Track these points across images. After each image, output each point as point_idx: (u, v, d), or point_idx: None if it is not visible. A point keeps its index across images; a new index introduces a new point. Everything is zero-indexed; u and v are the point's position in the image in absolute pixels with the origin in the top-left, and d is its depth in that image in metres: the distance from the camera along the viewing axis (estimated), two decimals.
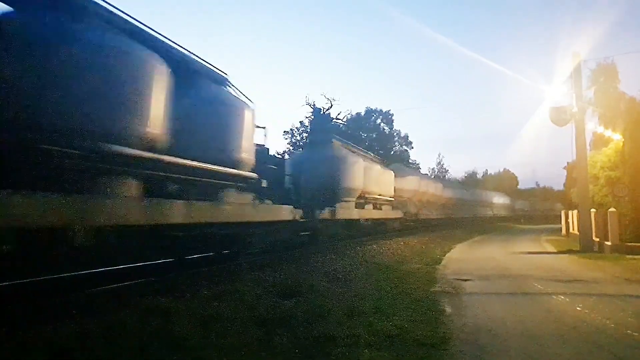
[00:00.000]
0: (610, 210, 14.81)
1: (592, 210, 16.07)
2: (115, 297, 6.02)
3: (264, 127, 11.11)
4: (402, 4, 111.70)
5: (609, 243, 14.39)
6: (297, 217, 11.93)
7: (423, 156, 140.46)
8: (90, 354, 4.10)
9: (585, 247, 15.26)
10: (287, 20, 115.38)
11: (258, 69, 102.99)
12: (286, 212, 11.27)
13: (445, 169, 73.17)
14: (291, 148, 44.63)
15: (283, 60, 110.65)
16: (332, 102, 44.43)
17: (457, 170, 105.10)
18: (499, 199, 58.80)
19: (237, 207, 9.05)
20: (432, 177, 51.51)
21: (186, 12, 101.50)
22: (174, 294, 6.34)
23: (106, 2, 6.71)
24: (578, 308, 6.38)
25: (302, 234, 13.35)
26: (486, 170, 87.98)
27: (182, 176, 7.52)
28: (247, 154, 9.38)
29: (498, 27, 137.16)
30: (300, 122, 48.09)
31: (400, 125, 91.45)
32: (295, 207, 11.79)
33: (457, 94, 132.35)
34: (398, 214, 24.05)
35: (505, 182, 79.91)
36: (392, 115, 55.24)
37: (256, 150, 10.18)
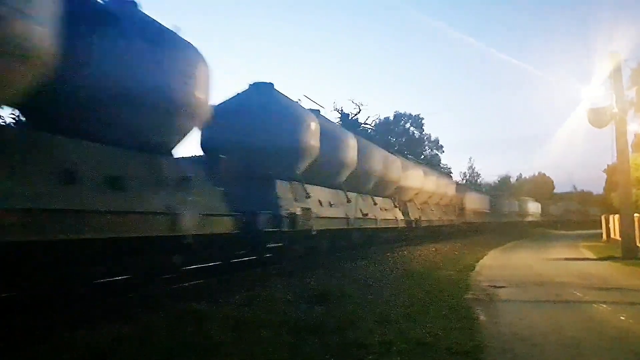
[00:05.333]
0: None
1: (636, 215, 15.39)
2: (148, 302, 6.17)
3: None
4: (430, 8, 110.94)
5: None
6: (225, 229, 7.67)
7: (454, 161, 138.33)
8: (125, 356, 4.21)
9: (628, 254, 14.60)
10: (316, 27, 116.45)
11: (286, 75, 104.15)
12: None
13: (477, 173, 71.69)
14: None
15: (312, 66, 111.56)
16: (360, 107, 44.46)
17: (489, 175, 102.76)
18: (530, 205, 56.49)
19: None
20: (462, 180, 49.43)
21: (209, 19, 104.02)
22: (207, 299, 6.44)
23: None
24: (621, 317, 6.09)
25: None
26: (520, 174, 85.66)
27: None
28: None
29: (530, 26, 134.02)
30: None
31: (431, 129, 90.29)
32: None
33: (489, 96, 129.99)
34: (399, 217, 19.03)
35: (540, 186, 77.53)
36: (422, 119, 54.59)
37: None
